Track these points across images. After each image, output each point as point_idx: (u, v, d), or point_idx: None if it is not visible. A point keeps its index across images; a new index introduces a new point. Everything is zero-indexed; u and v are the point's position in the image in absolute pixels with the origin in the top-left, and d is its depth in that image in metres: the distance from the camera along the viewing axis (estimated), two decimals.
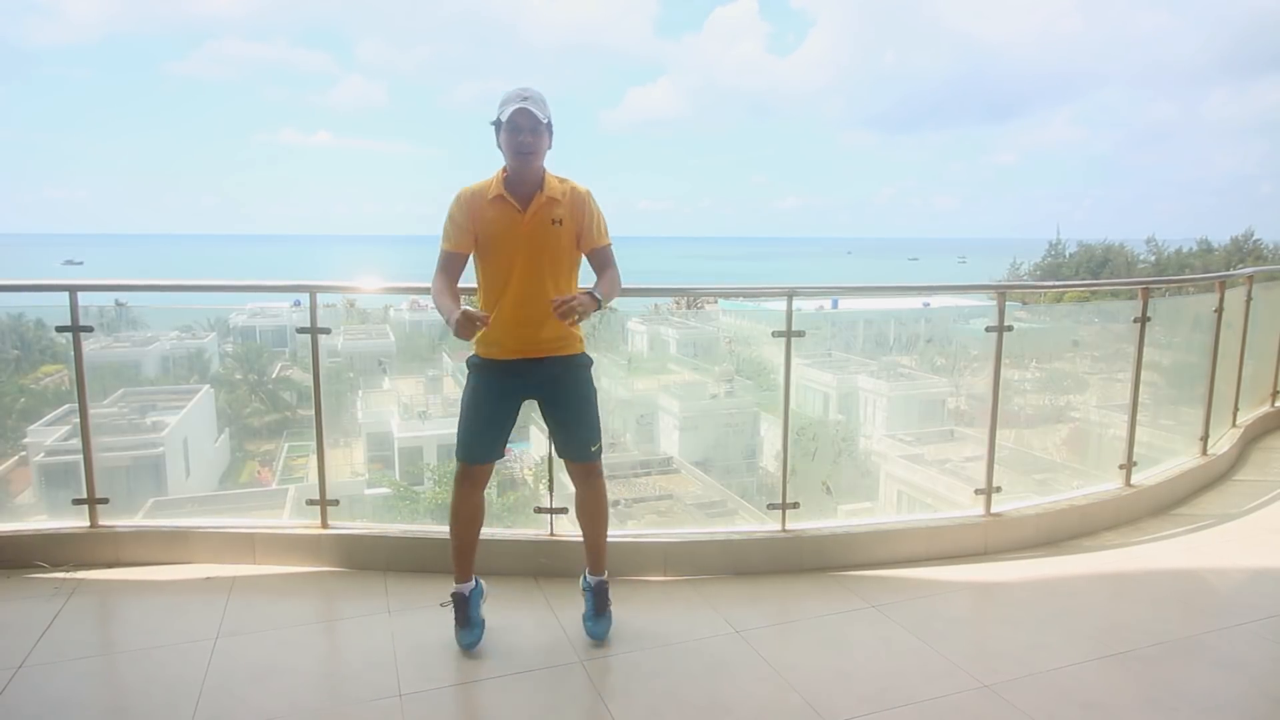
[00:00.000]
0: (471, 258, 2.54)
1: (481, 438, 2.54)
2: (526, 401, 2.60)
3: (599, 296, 2.42)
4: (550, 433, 2.70)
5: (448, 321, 2.35)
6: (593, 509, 2.67)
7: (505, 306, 2.46)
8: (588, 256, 2.57)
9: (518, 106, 2.37)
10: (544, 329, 2.47)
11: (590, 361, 2.63)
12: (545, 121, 2.42)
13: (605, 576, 2.71)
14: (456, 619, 2.59)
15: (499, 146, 2.46)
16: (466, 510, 2.59)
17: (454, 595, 2.60)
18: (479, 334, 2.45)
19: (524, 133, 2.39)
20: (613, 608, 2.70)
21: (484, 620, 2.63)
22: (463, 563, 2.62)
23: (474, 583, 2.65)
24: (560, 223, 2.46)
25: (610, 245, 2.58)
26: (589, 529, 2.69)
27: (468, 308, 2.37)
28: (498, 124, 2.43)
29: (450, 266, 2.50)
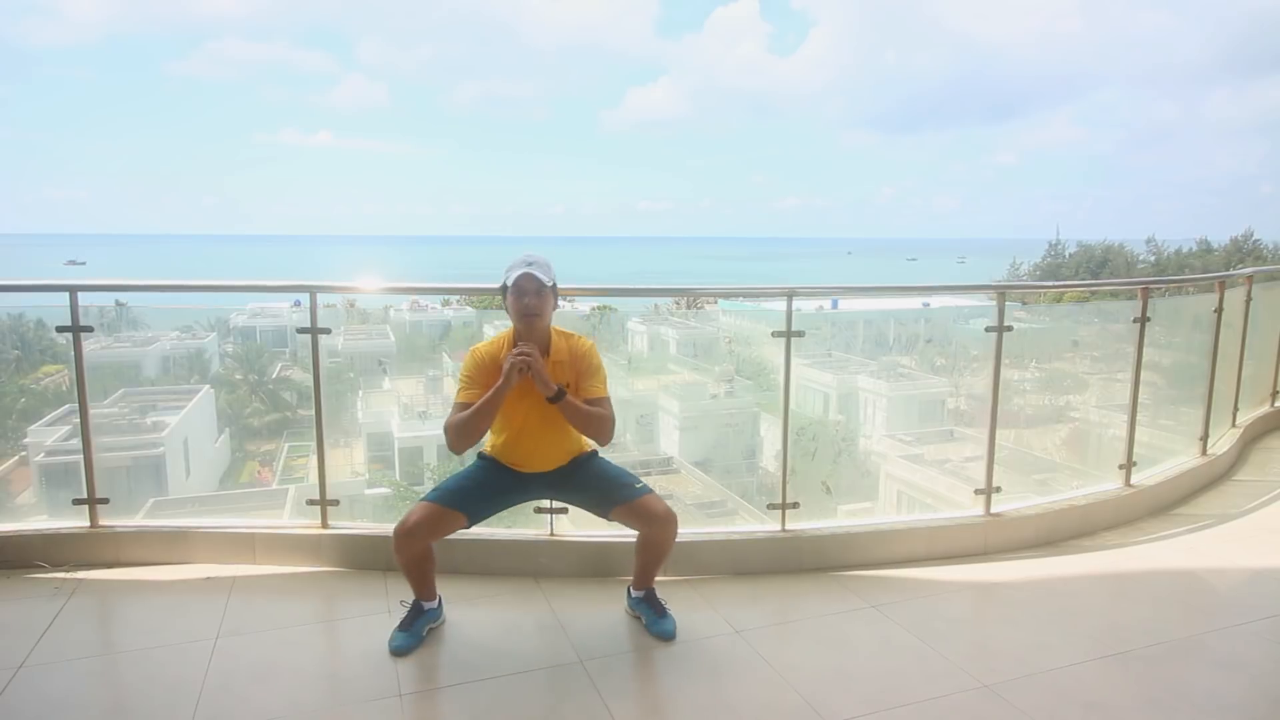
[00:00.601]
0: None
1: (471, 495, 2.55)
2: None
3: (565, 394, 2.47)
4: (589, 509, 2.69)
5: (501, 389, 2.42)
6: (657, 545, 2.61)
7: (516, 449, 2.62)
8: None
9: (522, 271, 2.49)
10: (553, 462, 2.63)
11: (597, 454, 2.70)
12: (549, 284, 2.53)
13: (653, 586, 2.73)
14: (402, 621, 2.58)
15: (505, 309, 2.57)
16: (409, 555, 2.50)
17: (413, 603, 2.62)
18: (490, 443, 2.64)
19: (529, 295, 2.50)
20: (612, 607, 2.70)
21: (423, 639, 2.58)
22: (419, 587, 2.61)
23: (437, 604, 2.67)
24: (566, 386, 2.54)
25: (607, 398, 2.61)
26: (653, 558, 2.67)
27: (509, 356, 2.44)
28: (504, 288, 2.54)
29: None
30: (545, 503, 3.20)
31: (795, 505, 3.33)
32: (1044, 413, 4.74)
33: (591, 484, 2.64)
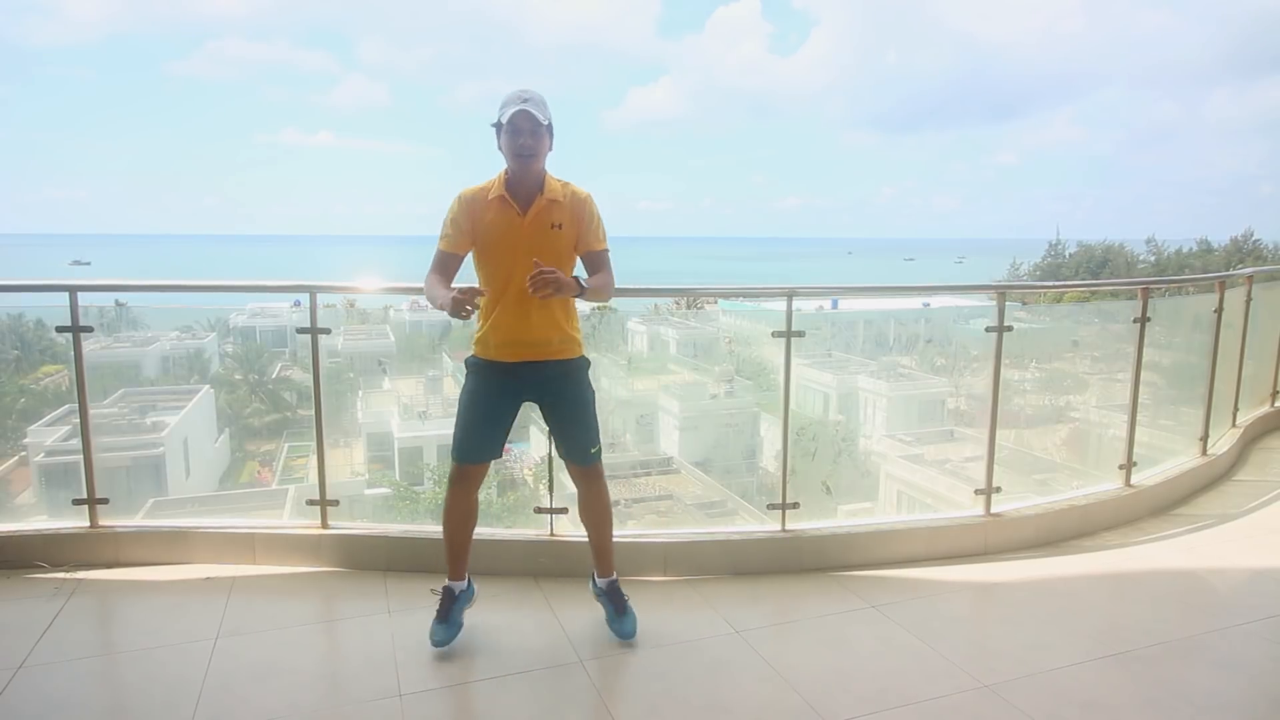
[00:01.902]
0: (471, 261, 2.54)
1: (477, 437, 2.54)
2: (525, 403, 2.61)
3: (584, 284, 2.42)
4: (550, 435, 2.71)
5: (441, 305, 2.33)
6: (596, 511, 2.66)
7: (504, 308, 2.46)
8: (582, 259, 2.57)
9: (518, 109, 2.36)
10: (543, 331, 2.48)
11: (589, 364, 2.63)
12: (546, 124, 2.41)
13: (615, 576, 2.71)
14: (438, 613, 2.57)
15: (499, 148, 2.46)
16: (460, 511, 2.59)
17: (445, 589, 2.61)
18: (479, 329, 2.49)
19: (524, 135, 2.38)
20: None
21: (463, 624, 2.60)
22: (456, 562, 2.62)
23: (467, 584, 2.66)
24: (560, 226, 2.46)
25: (607, 251, 2.57)
26: (593, 531, 2.69)
27: (460, 288, 2.31)
28: (498, 126, 2.43)
29: (445, 267, 2.50)
30: (545, 503, 3.21)
31: (795, 505, 3.33)
32: (1044, 413, 4.74)
33: (570, 420, 2.58)
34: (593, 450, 2.60)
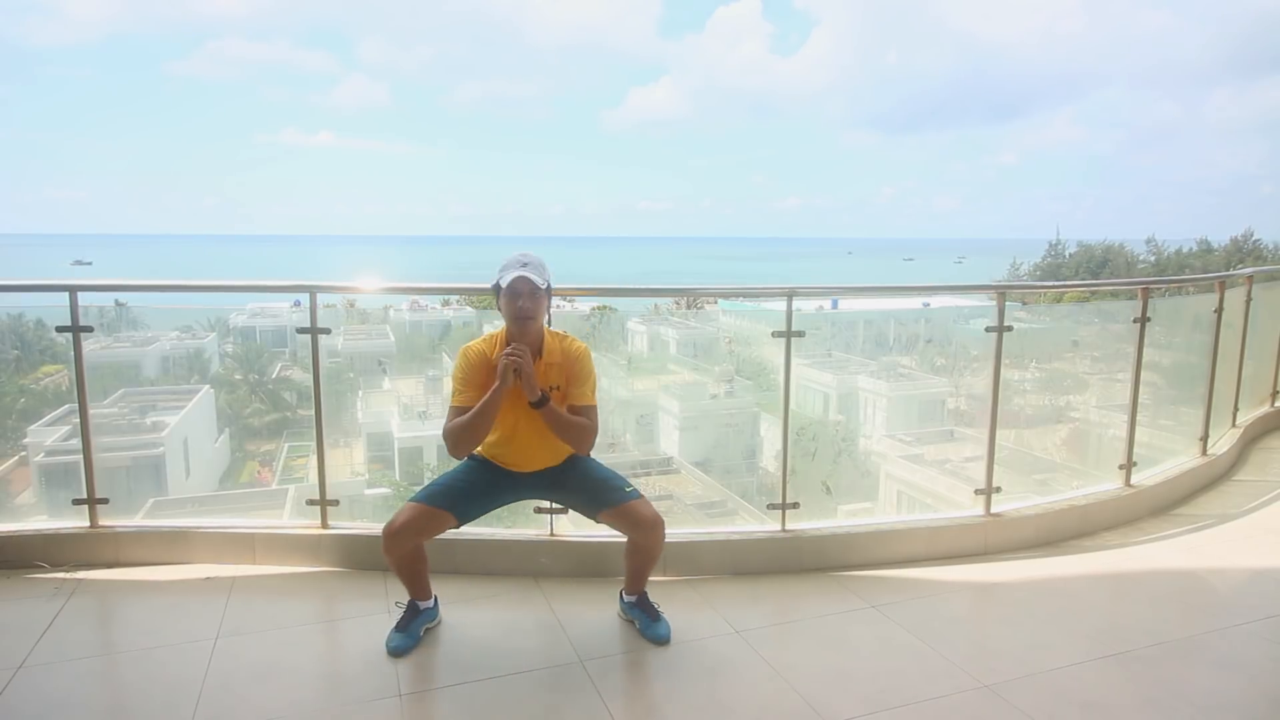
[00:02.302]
0: None
1: (459, 494, 2.53)
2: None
3: (549, 401, 2.47)
4: (579, 510, 2.70)
5: (498, 390, 2.41)
6: (646, 549, 2.59)
7: (506, 450, 2.60)
8: (568, 410, 2.57)
9: (517, 274, 2.45)
10: (542, 464, 2.62)
11: (584, 458, 2.68)
12: (544, 286, 2.49)
13: (645, 590, 2.71)
14: (398, 622, 2.59)
15: (498, 309, 2.55)
16: (398, 555, 2.50)
17: (409, 603, 2.62)
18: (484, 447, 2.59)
19: (522, 298, 2.46)
20: (612, 607, 2.70)
21: (420, 639, 2.58)
22: (414, 587, 2.61)
23: (433, 603, 2.67)
24: (557, 389, 2.54)
25: (594, 407, 2.60)
26: (643, 563, 2.65)
27: (503, 353, 2.43)
28: (497, 288, 2.52)
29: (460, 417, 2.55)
30: (545, 503, 3.20)
31: (795, 505, 3.33)
32: (1044, 413, 4.74)
33: (581, 485, 2.62)
34: (628, 489, 2.56)
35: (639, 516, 2.51)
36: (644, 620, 2.66)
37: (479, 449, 2.62)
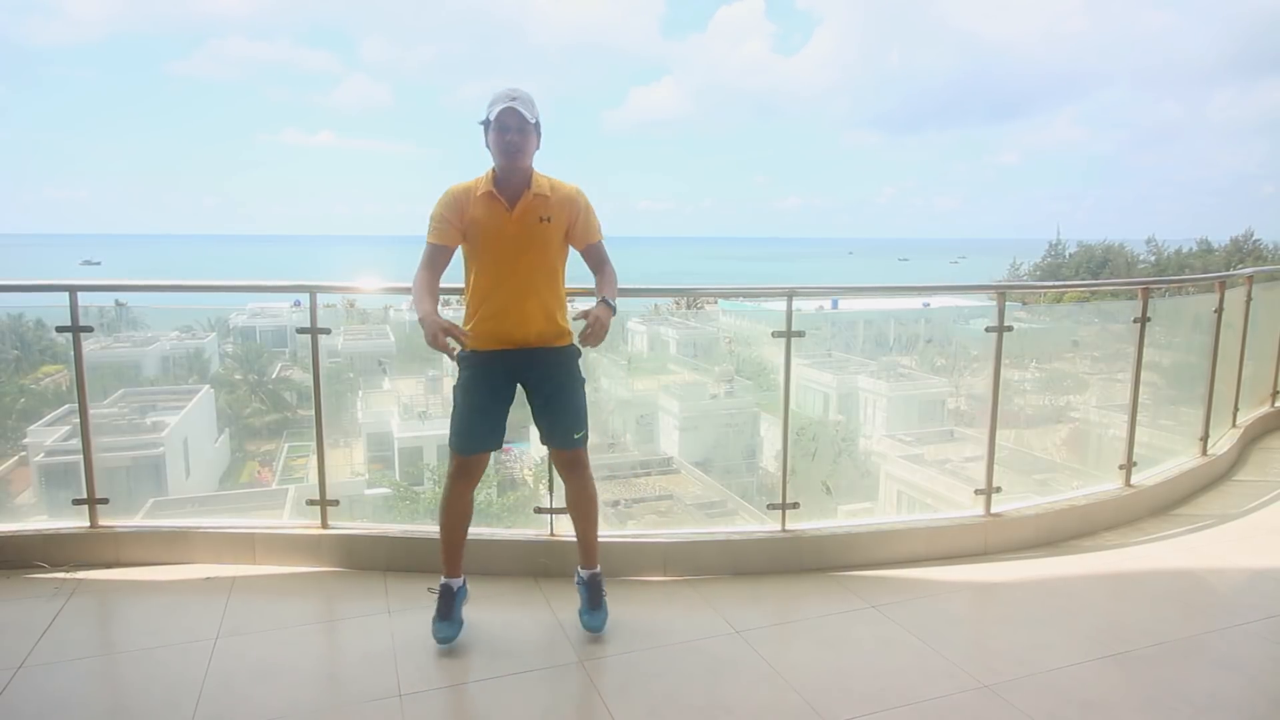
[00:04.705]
0: (461, 256, 2.57)
1: (475, 428, 2.55)
2: (520, 395, 2.62)
3: (612, 304, 2.51)
4: (536, 422, 2.68)
5: (421, 321, 2.36)
6: (582, 501, 2.68)
7: (494, 302, 2.49)
8: (582, 254, 2.62)
9: (505, 106, 2.40)
10: (533, 324, 2.51)
11: (579, 353, 2.64)
12: (533, 121, 2.44)
13: (598, 569, 2.72)
14: (439, 611, 2.59)
15: (487, 146, 2.49)
16: (458, 508, 2.60)
17: (443, 586, 2.62)
18: (470, 323, 2.52)
19: (511, 131, 2.41)
20: (613, 607, 2.69)
21: (464, 621, 2.62)
22: (452, 560, 2.64)
23: (462, 581, 2.67)
24: (548, 220, 2.49)
25: (602, 240, 2.61)
26: (579, 522, 2.71)
27: (447, 322, 2.37)
28: (486, 123, 2.45)
29: (435, 260, 2.52)
30: (545, 503, 3.21)
31: (795, 505, 3.33)
32: (1044, 413, 4.74)
33: (557, 401, 2.57)
34: (577, 435, 2.60)
35: (575, 460, 2.62)
36: (585, 604, 2.68)
37: (468, 340, 2.46)
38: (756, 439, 4.92)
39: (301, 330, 3.18)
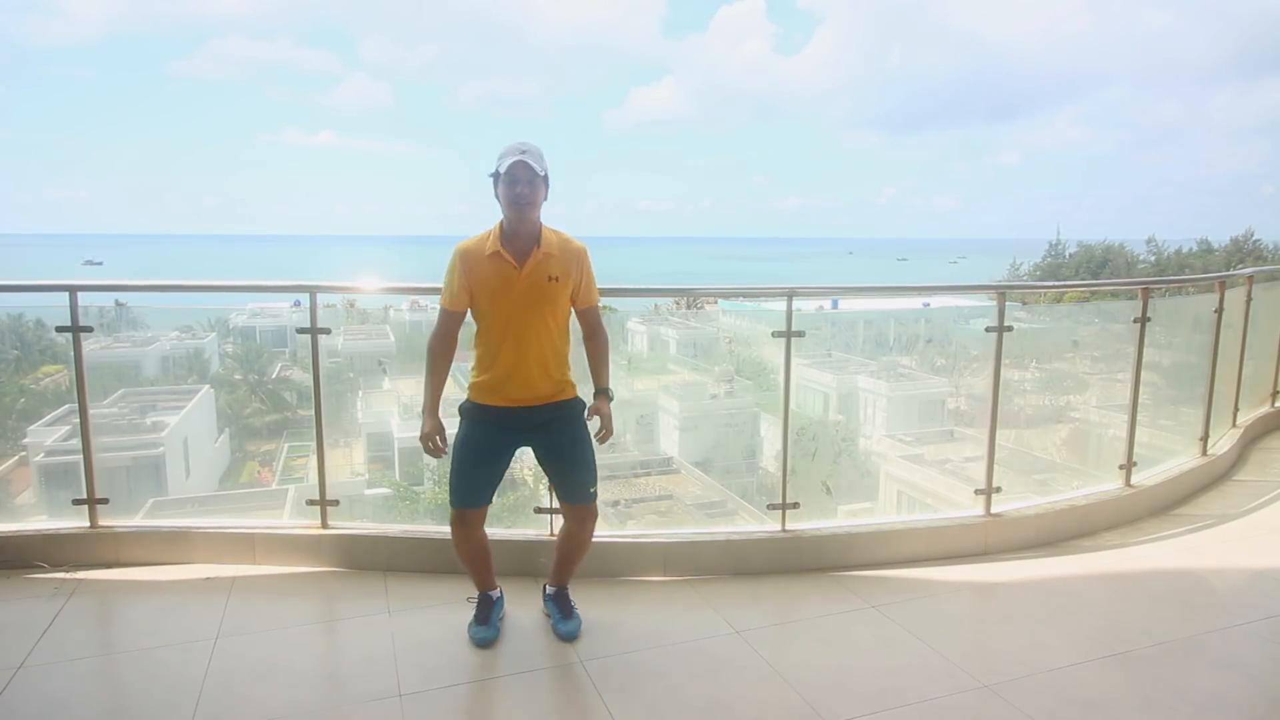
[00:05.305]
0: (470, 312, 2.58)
1: (474, 482, 2.56)
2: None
3: (610, 394, 2.65)
4: (548, 477, 2.72)
5: (422, 414, 2.55)
6: (577, 544, 2.71)
7: (503, 360, 2.49)
8: (578, 315, 2.62)
9: (516, 159, 2.41)
10: (539, 385, 2.52)
11: (584, 405, 2.65)
12: (542, 174, 2.45)
13: (566, 586, 2.78)
14: (476, 616, 2.67)
15: (496, 198, 2.50)
16: (471, 545, 2.64)
17: (480, 597, 2.69)
18: (475, 377, 2.56)
19: (521, 184, 2.42)
20: (613, 607, 2.71)
21: (500, 628, 2.68)
22: (482, 579, 2.71)
23: (499, 591, 2.74)
24: (556, 280, 2.49)
25: (598, 305, 2.64)
26: (565, 555, 2.74)
27: (442, 430, 2.55)
28: (495, 176, 2.47)
29: (448, 327, 2.56)
30: (545, 503, 3.21)
31: (795, 505, 3.33)
32: (1044, 413, 4.74)
33: (568, 460, 2.59)
34: (591, 489, 2.62)
35: (587, 514, 2.64)
36: (557, 615, 2.72)
37: (470, 393, 2.54)
38: (756, 439, 4.92)
39: (301, 330, 3.18)
